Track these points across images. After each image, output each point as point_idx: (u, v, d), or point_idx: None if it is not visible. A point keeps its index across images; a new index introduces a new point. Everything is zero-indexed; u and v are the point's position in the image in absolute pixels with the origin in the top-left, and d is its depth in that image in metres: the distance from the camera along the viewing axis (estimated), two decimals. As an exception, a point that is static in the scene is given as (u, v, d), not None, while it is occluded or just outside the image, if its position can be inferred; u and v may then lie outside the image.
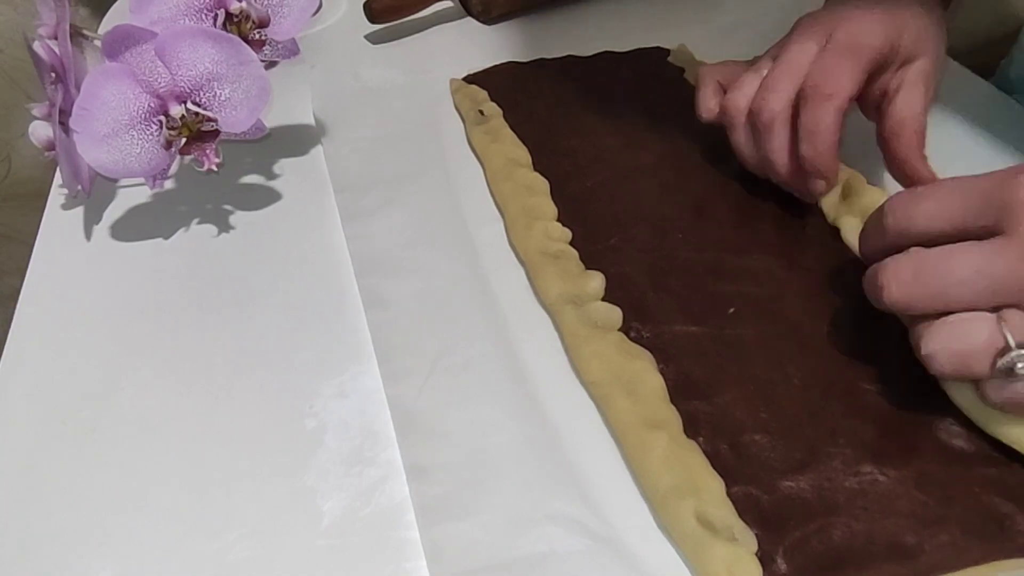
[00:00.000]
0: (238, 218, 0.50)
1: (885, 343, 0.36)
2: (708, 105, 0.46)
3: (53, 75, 0.47)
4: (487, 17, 0.67)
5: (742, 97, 0.44)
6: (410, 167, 0.51)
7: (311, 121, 0.57)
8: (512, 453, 0.34)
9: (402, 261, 0.44)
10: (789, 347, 0.37)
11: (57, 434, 0.38)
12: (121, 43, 0.44)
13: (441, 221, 0.47)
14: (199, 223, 0.49)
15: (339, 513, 0.34)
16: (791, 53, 0.42)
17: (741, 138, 0.45)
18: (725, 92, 0.46)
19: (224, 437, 0.37)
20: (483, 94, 0.55)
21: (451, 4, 0.69)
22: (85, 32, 0.48)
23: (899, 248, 0.33)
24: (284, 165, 0.54)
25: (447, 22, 0.68)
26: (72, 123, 0.44)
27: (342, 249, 0.46)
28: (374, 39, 0.66)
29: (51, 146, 0.47)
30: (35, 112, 0.47)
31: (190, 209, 0.50)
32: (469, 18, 0.68)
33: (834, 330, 0.38)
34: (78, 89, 0.44)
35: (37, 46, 0.46)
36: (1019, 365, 0.29)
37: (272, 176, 0.53)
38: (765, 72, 0.43)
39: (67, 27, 0.46)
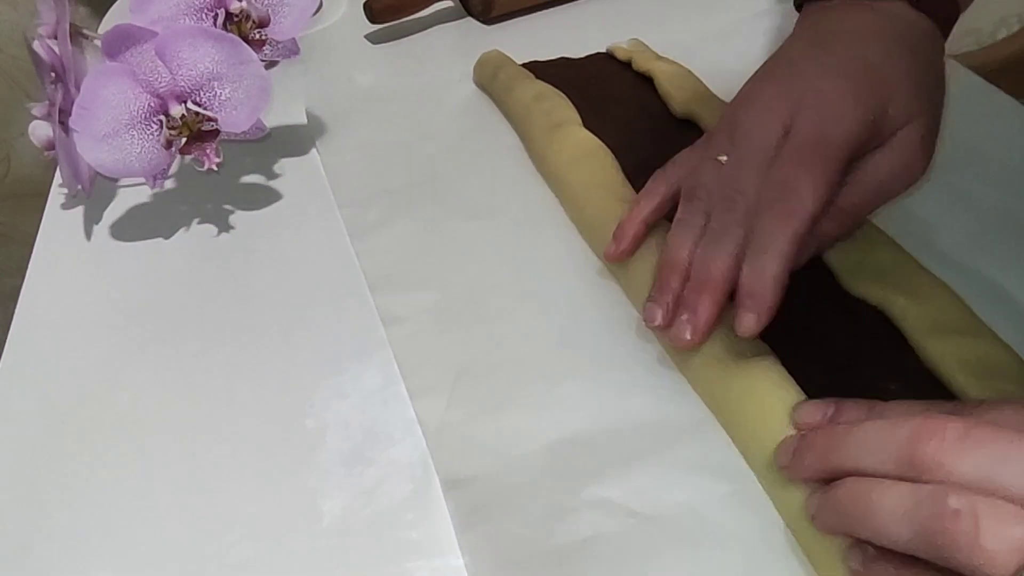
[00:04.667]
0: (238, 218, 0.49)
1: (896, 339, 0.37)
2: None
3: (53, 75, 0.47)
4: (487, 17, 0.67)
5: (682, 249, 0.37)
6: (412, 175, 0.51)
7: (310, 121, 0.57)
8: (544, 453, 0.34)
9: (413, 274, 0.44)
10: (804, 346, 0.37)
11: (57, 434, 0.38)
12: (121, 43, 0.44)
13: (449, 229, 0.47)
14: (199, 223, 0.49)
15: (339, 513, 0.34)
16: (755, 136, 0.35)
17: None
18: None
19: (224, 437, 0.37)
20: (506, 57, 0.58)
21: (451, 4, 0.69)
22: (85, 32, 0.48)
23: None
24: (284, 165, 0.53)
25: (447, 22, 0.68)
26: (72, 123, 0.44)
27: (342, 249, 0.46)
28: (374, 39, 0.66)
29: (51, 146, 0.47)
30: (35, 112, 0.47)
31: (190, 209, 0.50)
32: (469, 18, 0.68)
33: (845, 328, 0.38)
34: (78, 88, 0.44)
35: (37, 45, 0.46)
36: None
37: (272, 176, 0.53)
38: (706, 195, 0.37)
39: (67, 26, 0.46)
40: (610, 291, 0.42)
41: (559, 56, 0.60)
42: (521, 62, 0.59)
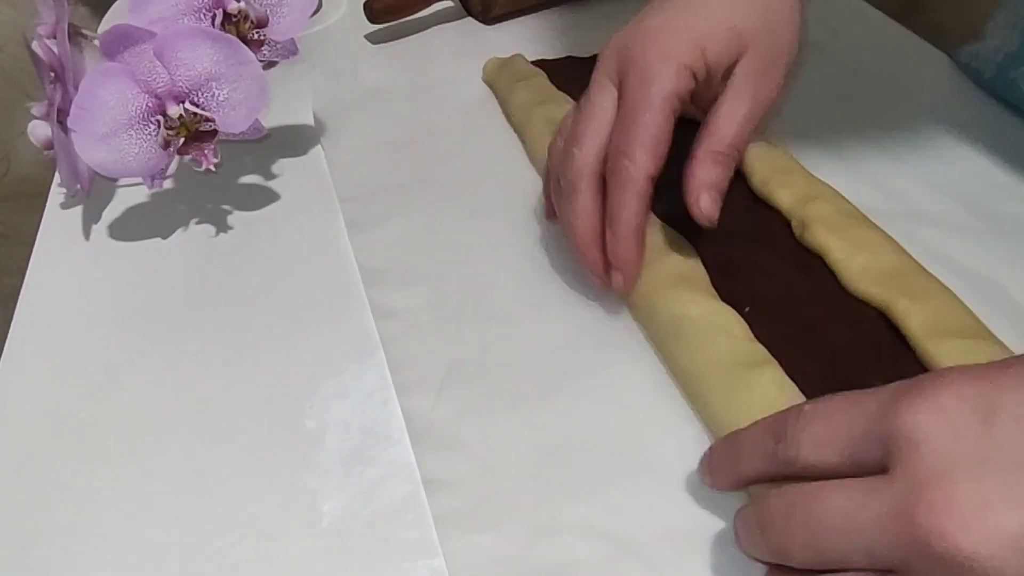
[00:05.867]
0: (237, 218, 0.49)
1: (897, 341, 0.36)
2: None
3: (52, 74, 0.47)
4: (487, 17, 0.67)
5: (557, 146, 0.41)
6: (413, 173, 0.51)
7: (310, 121, 0.57)
8: (529, 462, 0.34)
9: (407, 271, 0.44)
10: (804, 347, 0.37)
11: (57, 434, 0.38)
12: (120, 43, 0.44)
13: (447, 227, 0.47)
14: (198, 223, 0.49)
15: (339, 513, 0.34)
16: (591, 105, 0.39)
17: (550, 189, 0.41)
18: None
19: (224, 437, 0.37)
20: (525, 62, 0.57)
21: (451, 4, 0.69)
22: (84, 32, 0.48)
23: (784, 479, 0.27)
24: (283, 165, 0.53)
25: (447, 22, 0.68)
26: (70, 123, 0.44)
27: (341, 249, 0.46)
28: (374, 39, 0.66)
29: (50, 145, 0.47)
30: (34, 111, 0.47)
31: (189, 209, 0.50)
32: (469, 18, 0.68)
33: (846, 329, 0.37)
34: (77, 88, 0.44)
35: (36, 45, 0.46)
36: None
37: (271, 176, 0.53)
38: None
39: (66, 26, 0.46)
40: (607, 299, 0.41)
41: (564, 55, 0.60)
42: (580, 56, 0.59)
